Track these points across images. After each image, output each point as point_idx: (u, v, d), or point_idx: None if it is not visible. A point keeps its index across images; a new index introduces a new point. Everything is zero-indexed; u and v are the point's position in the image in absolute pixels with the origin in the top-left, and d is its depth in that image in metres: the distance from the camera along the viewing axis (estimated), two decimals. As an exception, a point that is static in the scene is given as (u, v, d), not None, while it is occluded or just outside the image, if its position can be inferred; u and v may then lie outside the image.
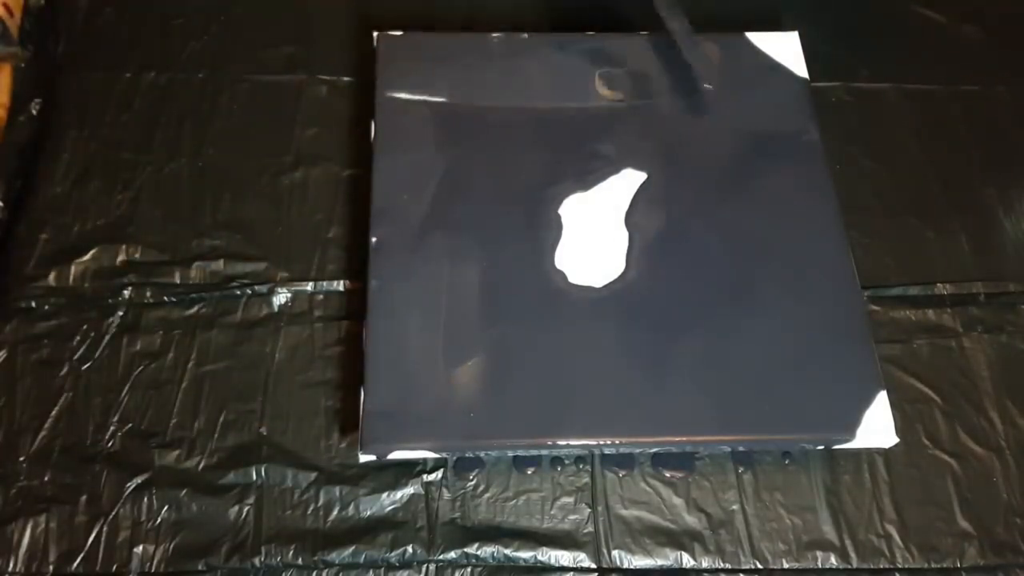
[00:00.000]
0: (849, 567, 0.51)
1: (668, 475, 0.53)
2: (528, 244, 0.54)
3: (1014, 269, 0.60)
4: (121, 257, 0.57)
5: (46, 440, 0.52)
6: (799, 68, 0.61)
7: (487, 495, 0.52)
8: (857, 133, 0.64)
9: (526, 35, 0.62)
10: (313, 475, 0.52)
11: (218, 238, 0.58)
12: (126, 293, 0.56)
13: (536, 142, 0.58)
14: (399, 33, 0.61)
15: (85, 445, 0.52)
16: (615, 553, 0.51)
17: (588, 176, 0.57)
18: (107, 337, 0.55)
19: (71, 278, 0.57)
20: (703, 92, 0.60)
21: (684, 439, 0.50)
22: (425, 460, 0.53)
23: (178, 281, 0.57)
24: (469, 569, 0.50)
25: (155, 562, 0.50)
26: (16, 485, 0.51)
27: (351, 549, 0.50)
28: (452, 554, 0.51)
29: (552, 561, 0.51)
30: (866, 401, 0.51)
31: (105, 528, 0.50)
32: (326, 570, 0.50)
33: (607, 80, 0.60)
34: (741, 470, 0.53)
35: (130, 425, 0.53)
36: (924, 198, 0.63)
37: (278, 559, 0.50)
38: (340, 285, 0.57)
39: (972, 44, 0.69)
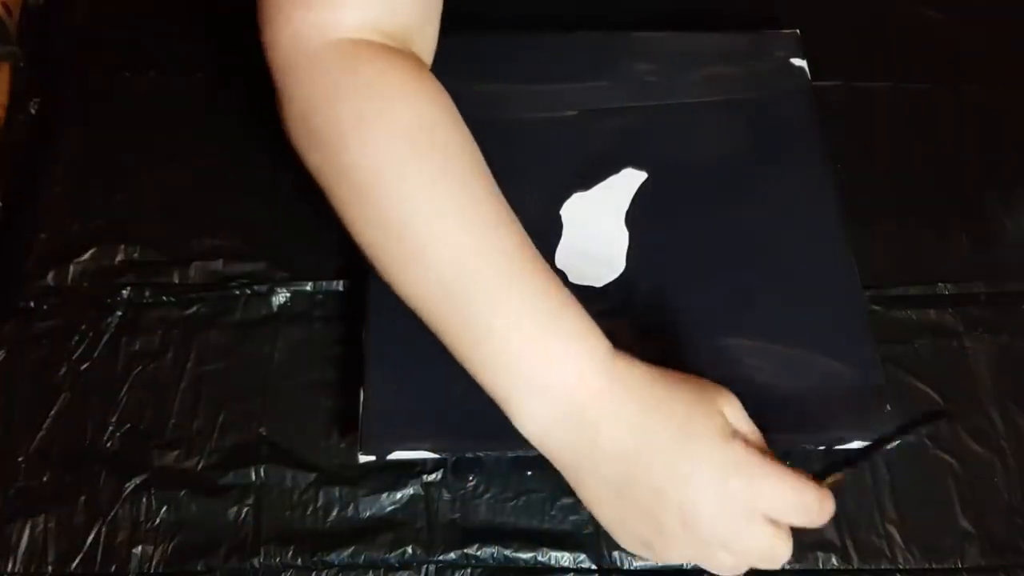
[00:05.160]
0: (850, 567, 0.51)
1: (668, 475, 0.53)
2: (528, 244, 0.54)
3: (1015, 269, 0.60)
4: (120, 257, 0.57)
5: (45, 440, 0.52)
6: (799, 68, 0.61)
7: (487, 495, 0.52)
8: (857, 133, 0.64)
9: (526, 35, 0.62)
10: (313, 475, 0.52)
11: (217, 238, 0.58)
12: (125, 293, 0.56)
13: (536, 141, 0.58)
14: (399, 33, 0.61)
15: (84, 445, 0.52)
16: (615, 554, 0.51)
17: (588, 176, 0.57)
18: (106, 337, 0.55)
19: (70, 278, 0.57)
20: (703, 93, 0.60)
21: (684, 439, 0.50)
22: (425, 460, 0.52)
23: (177, 281, 0.57)
24: (469, 570, 0.50)
25: (154, 562, 0.49)
26: (15, 485, 0.51)
27: (351, 549, 0.50)
28: (452, 554, 0.50)
29: (552, 562, 0.51)
30: (866, 401, 0.51)
31: (104, 528, 0.50)
32: (326, 570, 0.50)
33: (608, 79, 0.60)
34: (741, 470, 0.53)
35: (129, 425, 0.53)
36: (924, 198, 0.63)
37: (277, 559, 0.50)
38: (340, 285, 0.57)
39: (972, 44, 0.69)
